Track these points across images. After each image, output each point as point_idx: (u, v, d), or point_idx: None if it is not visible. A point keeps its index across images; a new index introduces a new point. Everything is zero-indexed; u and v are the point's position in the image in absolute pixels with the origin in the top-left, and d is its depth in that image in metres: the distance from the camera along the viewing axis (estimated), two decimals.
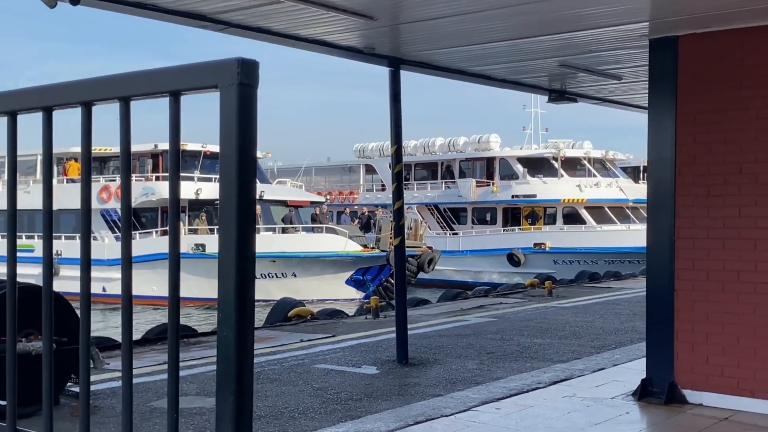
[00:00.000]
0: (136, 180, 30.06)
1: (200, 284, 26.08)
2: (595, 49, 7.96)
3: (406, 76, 9.34)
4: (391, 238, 29.71)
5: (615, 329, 12.17)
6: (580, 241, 32.69)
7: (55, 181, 31.95)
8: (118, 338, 11.91)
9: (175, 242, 2.10)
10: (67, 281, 29.84)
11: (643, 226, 7.51)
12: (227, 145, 1.83)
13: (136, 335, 12.35)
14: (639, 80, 9.21)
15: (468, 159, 37.51)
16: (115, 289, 29.25)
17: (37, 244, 27.93)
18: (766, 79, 6.57)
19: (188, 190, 28.90)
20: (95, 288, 28.48)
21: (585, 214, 34.21)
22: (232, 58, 1.86)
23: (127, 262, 2.16)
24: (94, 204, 30.27)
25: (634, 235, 29.86)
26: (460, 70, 9.01)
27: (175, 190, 2.09)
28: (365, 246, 29.28)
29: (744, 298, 6.78)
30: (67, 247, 30.02)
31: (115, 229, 30.47)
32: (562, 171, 35.10)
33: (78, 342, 2.36)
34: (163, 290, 27.83)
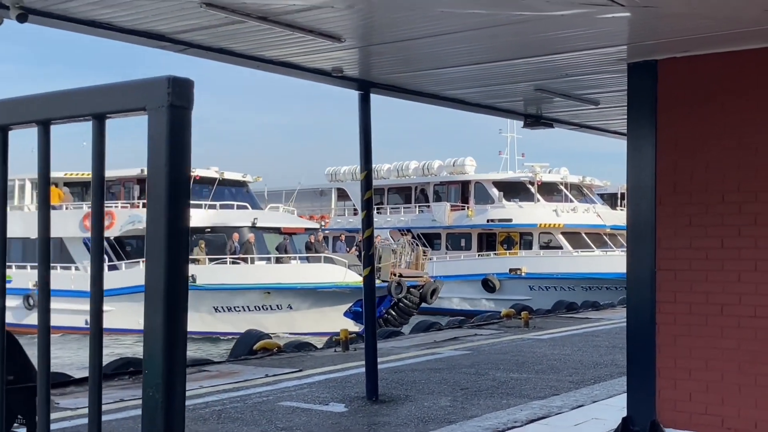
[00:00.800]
0: (121, 207, 29.27)
1: (189, 317, 25.44)
2: (571, 73, 7.88)
3: (378, 97, 9.23)
4: (393, 267, 28.67)
5: (594, 363, 12.03)
6: (557, 266, 32.72)
7: (33, 207, 30.93)
8: (81, 373, 11.57)
9: (97, 280, 1.91)
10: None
11: (621, 252, 7.40)
12: (156, 175, 1.64)
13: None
14: (617, 105, 9.16)
15: (442, 183, 37.55)
16: None
17: (13, 274, 27.06)
18: (748, 105, 6.51)
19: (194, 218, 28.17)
20: (77, 321, 27.21)
21: (561, 239, 34.29)
22: (162, 76, 1.67)
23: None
24: (76, 232, 29.45)
25: (611, 260, 29.95)
26: (432, 93, 8.89)
27: (99, 224, 1.91)
28: None
29: (728, 332, 6.66)
30: None
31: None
32: (538, 196, 35.22)
33: (25, 380, 2.12)
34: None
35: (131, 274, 27.80)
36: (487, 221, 35.18)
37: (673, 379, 6.88)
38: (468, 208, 35.79)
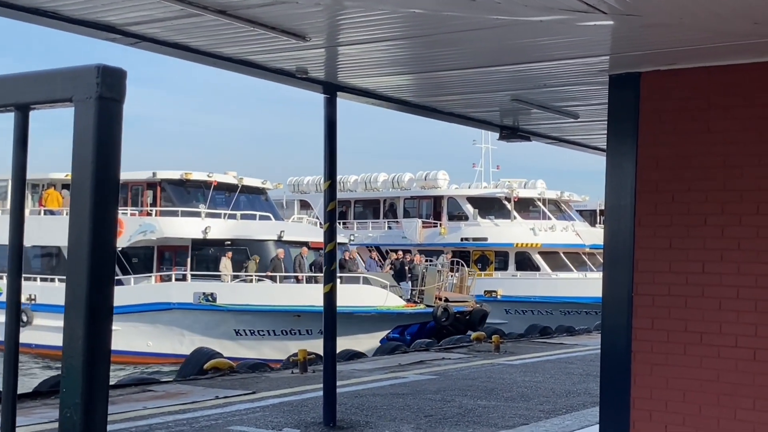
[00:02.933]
0: (131, 214, 27.77)
1: (207, 342, 23.07)
2: (550, 84, 7.91)
3: (344, 104, 9.20)
4: (438, 290, 26.96)
5: (567, 391, 12.05)
6: (534, 289, 32.84)
7: (27, 211, 29.04)
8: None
9: (14, 293, 1.85)
10: (43, 332, 27.65)
11: (601, 275, 7.46)
12: (81, 174, 1.58)
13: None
14: (598, 119, 9.21)
15: (413, 197, 37.57)
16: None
17: (2, 285, 26.39)
18: (735, 123, 6.56)
19: (193, 228, 26.54)
20: None
21: (539, 259, 34.44)
22: (91, 65, 1.62)
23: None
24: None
25: (590, 284, 30.10)
26: (403, 100, 8.88)
27: (18, 227, 1.84)
28: (411, 300, 26.51)
29: (707, 362, 6.68)
30: (43, 290, 27.52)
31: None
32: (514, 213, 35.38)
33: None
34: (162, 346, 25.38)
35: (139, 290, 26.48)
36: (461, 240, 35.23)
37: (649, 411, 6.89)
38: (441, 225, 35.83)
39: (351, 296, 24.77)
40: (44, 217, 28.35)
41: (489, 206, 36.00)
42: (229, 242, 26.72)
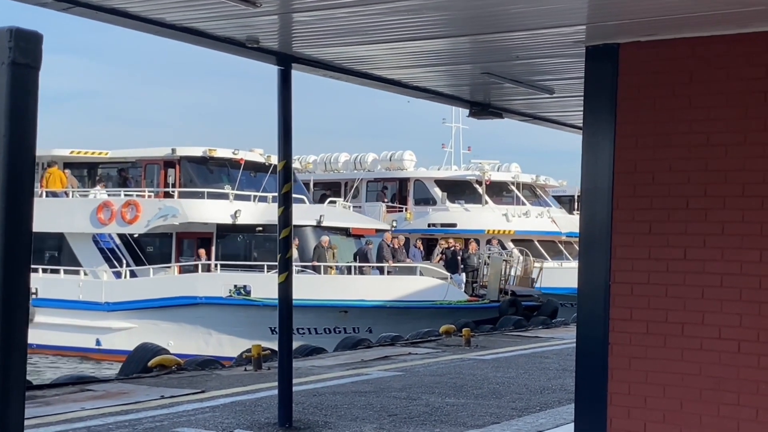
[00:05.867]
0: (148, 196, 26.37)
1: (237, 341, 22.30)
2: (523, 56, 7.92)
3: (301, 77, 9.14)
4: (502, 283, 25.68)
5: (541, 388, 12.15)
6: None
7: None
8: None
9: None
10: (45, 330, 26.49)
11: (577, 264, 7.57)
12: None
13: None
14: (574, 95, 9.26)
15: (377, 179, 37.53)
16: (114, 342, 25.28)
17: None
18: (718, 98, 6.62)
19: (220, 212, 25.24)
20: (86, 341, 25.18)
21: (512, 247, 34.64)
22: (3, 27, 1.58)
23: None
24: (85, 227, 26.37)
25: (567, 273, 30.30)
26: (364, 72, 8.85)
27: None
28: (476, 295, 25.70)
29: (689, 355, 6.76)
30: (46, 283, 26.12)
31: (114, 262, 26.32)
32: (486, 197, 35.52)
33: None
34: (185, 346, 23.39)
35: (159, 283, 25.35)
36: (428, 225, 35.29)
37: (627, 407, 6.96)
38: (406, 209, 35.87)
39: (407, 289, 24.20)
40: (45, 199, 26.77)
41: (459, 190, 36.08)
42: (260, 228, 25.41)
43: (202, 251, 25.67)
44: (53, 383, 12.12)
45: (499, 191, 36.40)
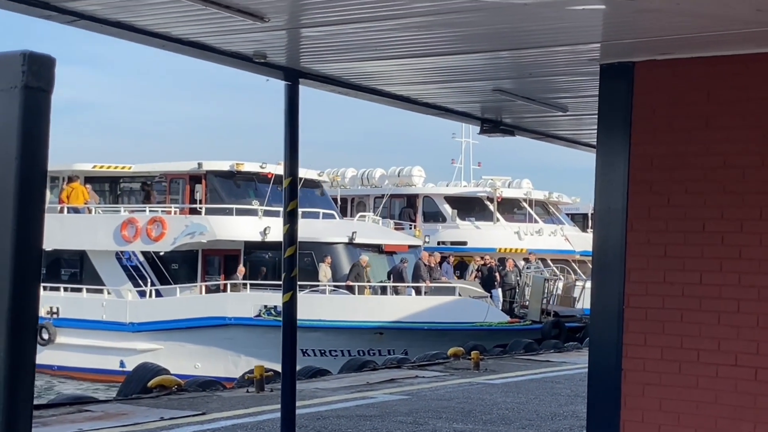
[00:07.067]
0: (174, 212, 25.99)
1: (266, 364, 21.93)
2: (536, 73, 7.98)
3: (308, 91, 9.21)
4: (544, 303, 25.25)
5: (552, 414, 12.16)
6: None
7: (46, 209, 27.21)
8: None
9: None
10: (67, 352, 25.55)
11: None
12: (4, 168, 1.58)
13: None
14: (588, 113, 9.31)
15: (384, 195, 37.56)
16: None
17: None
18: (736, 119, 6.67)
19: (249, 228, 25.01)
20: (109, 363, 24.74)
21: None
22: (17, 51, 1.63)
23: None
24: (107, 244, 26.07)
25: (581, 294, 30.22)
26: (373, 88, 8.92)
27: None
28: (517, 316, 25.37)
29: (704, 382, 6.78)
30: (68, 302, 26.05)
31: (139, 280, 26.11)
32: (497, 214, 35.53)
33: None
34: (212, 368, 23.25)
35: (186, 303, 25.06)
36: (438, 244, 35.28)
37: None
38: (414, 227, 35.88)
39: (445, 310, 23.86)
40: (67, 215, 26.75)
41: (469, 207, 36.10)
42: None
43: (241, 269, 25.40)
44: (51, 403, 12.16)
45: (510, 208, 36.42)
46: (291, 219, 9.12)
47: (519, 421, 11.47)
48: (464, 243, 35.03)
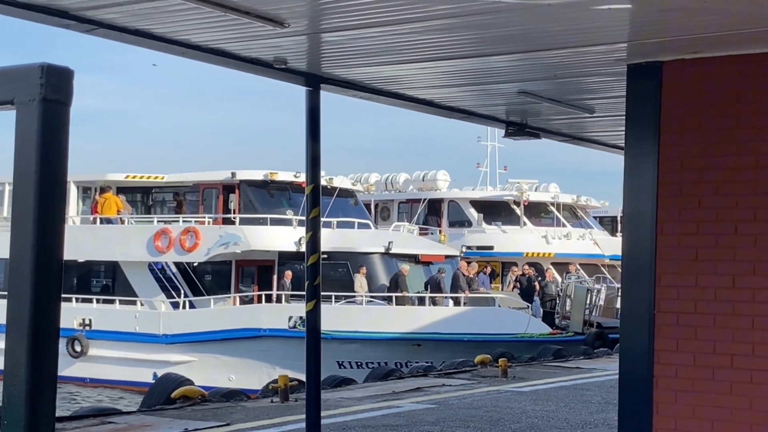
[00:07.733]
0: (208, 222, 26.05)
1: (302, 378, 21.85)
2: (561, 75, 7.96)
3: (329, 96, 9.23)
4: (586, 314, 25.08)
5: (583, 422, 12.10)
6: None
7: (78, 219, 27.30)
8: None
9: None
10: (99, 364, 25.55)
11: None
12: (23, 183, 1.60)
13: None
14: (615, 114, 9.27)
15: (409, 200, 37.51)
16: None
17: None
18: (767, 118, 6.62)
19: (283, 239, 24.97)
20: (142, 375, 24.61)
21: (552, 271, 34.46)
22: (35, 63, 1.65)
23: None
24: (141, 255, 26.17)
25: None
26: (395, 93, 8.94)
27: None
28: (558, 327, 25.25)
29: (738, 388, 6.73)
30: (100, 314, 26.10)
31: (172, 292, 26.18)
32: (524, 218, 35.42)
33: None
34: (247, 381, 22.87)
35: (220, 314, 25.04)
36: (463, 248, 35.21)
37: None
38: (440, 232, 35.82)
39: (485, 321, 23.78)
40: (99, 226, 26.88)
41: (495, 211, 35.98)
42: (325, 256, 25.13)
43: (288, 273, 25.17)
44: (74, 415, 12.24)
45: (537, 212, 36.28)
46: (314, 226, 9.13)
47: (549, 430, 11.42)
48: (490, 247, 34.92)
